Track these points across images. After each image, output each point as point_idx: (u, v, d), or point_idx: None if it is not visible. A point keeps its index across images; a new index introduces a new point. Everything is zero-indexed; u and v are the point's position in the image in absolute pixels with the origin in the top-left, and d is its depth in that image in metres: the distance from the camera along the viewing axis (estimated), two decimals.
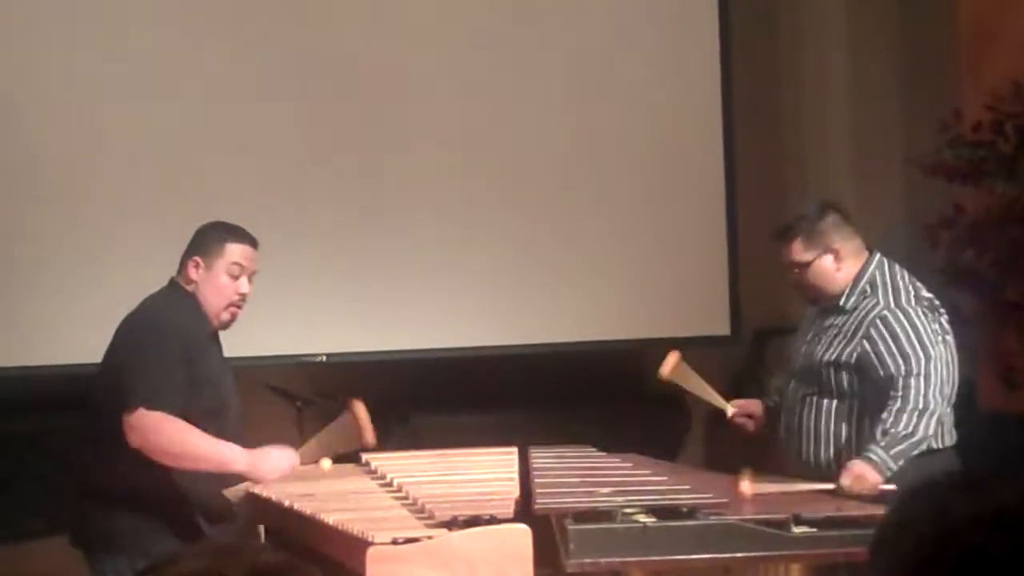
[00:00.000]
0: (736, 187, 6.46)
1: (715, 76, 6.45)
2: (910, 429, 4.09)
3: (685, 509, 3.75)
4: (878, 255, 4.38)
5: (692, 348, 6.59)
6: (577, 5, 6.43)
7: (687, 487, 4.00)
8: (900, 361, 4.16)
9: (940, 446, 4.25)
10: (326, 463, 4.50)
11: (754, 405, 4.68)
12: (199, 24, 6.12)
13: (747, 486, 4.06)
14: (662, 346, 6.52)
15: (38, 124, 5.97)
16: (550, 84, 6.37)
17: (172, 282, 4.22)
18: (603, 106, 6.40)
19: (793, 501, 3.94)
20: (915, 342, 4.17)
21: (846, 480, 4.05)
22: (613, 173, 6.42)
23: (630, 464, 4.46)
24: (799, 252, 4.35)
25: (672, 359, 4.68)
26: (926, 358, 4.15)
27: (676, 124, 6.46)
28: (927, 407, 4.11)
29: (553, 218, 6.36)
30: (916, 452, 4.10)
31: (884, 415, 4.12)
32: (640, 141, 6.43)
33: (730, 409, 4.66)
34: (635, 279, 6.37)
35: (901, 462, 4.08)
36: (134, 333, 4.10)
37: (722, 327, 6.43)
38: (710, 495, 3.87)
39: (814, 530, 3.67)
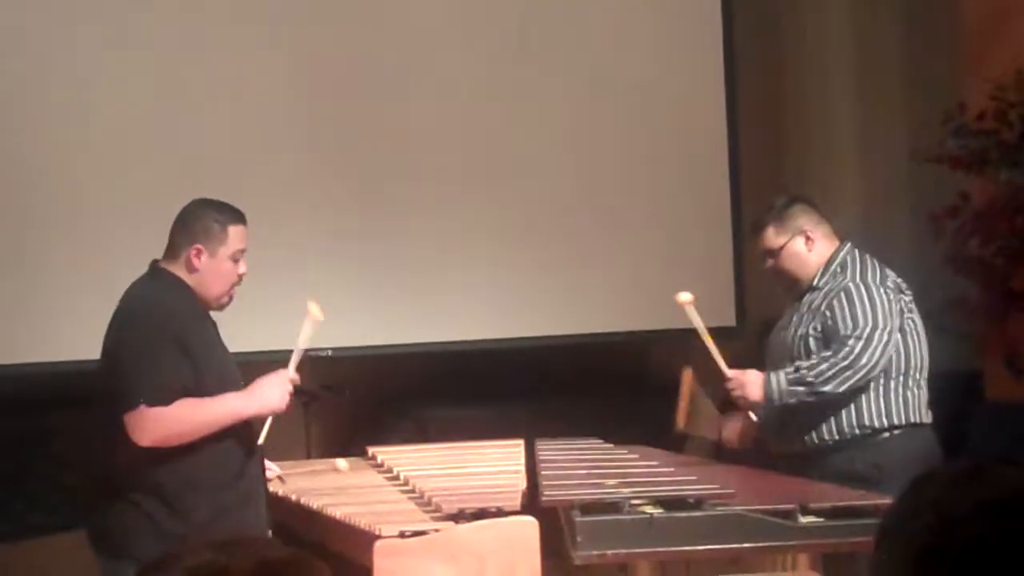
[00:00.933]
0: (740, 178, 6.45)
1: (720, 67, 6.45)
2: (821, 379, 4.27)
3: (692, 500, 3.76)
4: (849, 243, 4.55)
5: (698, 340, 6.63)
6: (580, 2, 6.42)
7: (693, 478, 4.01)
8: (850, 323, 4.32)
9: (919, 421, 4.40)
10: (342, 463, 4.48)
11: (741, 425, 4.66)
12: (201, 23, 6.11)
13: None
14: (668, 338, 6.55)
15: (39, 123, 5.96)
16: (554, 80, 6.36)
17: (155, 268, 4.08)
18: (608, 101, 6.39)
19: (798, 491, 3.95)
20: (868, 310, 4.33)
21: (733, 376, 4.41)
22: (618, 167, 6.42)
23: (636, 455, 4.47)
24: (771, 238, 4.55)
25: (688, 375, 4.74)
26: (872, 326, 4.30)
27: (681, 117, 6.45)
28: (853, 366, 4.26)
29: (558, 211, 6.36)
30: (810, 399, 4.28)
31: (815, 361, 4.30)
32: (645, 134, 6.42)
33: (723, 436, 4.72)
34: (640, 271, 6.37)
35: (792, 401, 4.29)
36: (125, 328, 3.99)
37: (727, 319, 6.43)
38: (716, 486, 3.88)
39: (821, 520, 3.68)
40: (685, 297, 4.58)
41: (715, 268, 6.41)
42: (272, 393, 4.00)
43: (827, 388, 4.27)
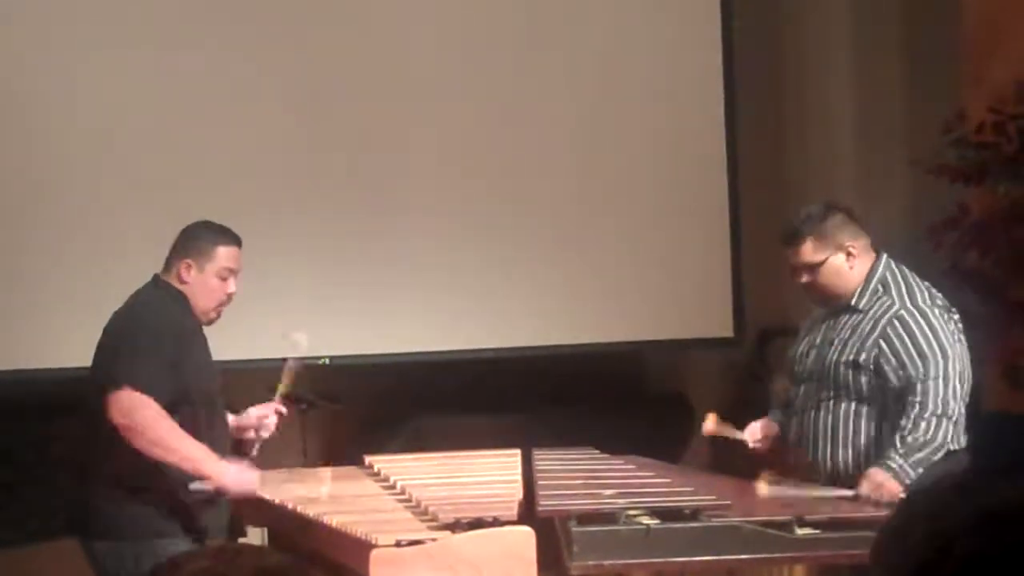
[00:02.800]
0: (739, 189, 6.45)
1: (718, 77, 6.44)
2: (929, 435, 4.02)
3: (688, 511, 3.75)
4: (885, 255, 4.32)
5: (695, 350, 6.64)
6: (580, 3, 6.42)
7: (690, 489, 4.01)
8: (919, 362, 4.08)
9: (956, 447, 4.14)
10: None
11: (769, 425, 4.53)
12: (204, 27, 6.11)
13: (764, 489, 4.02)
14: (665, 348, 6.56)
15: (40, 128, 5.96)
16: (552, 85, 6.36)
17: (157, 279, 4.29)
18: (606, 107, 6.39)
19: (799, 502, 3.94)
20: (933, 343, 4.10)
21: (865, 488, 3.98)
22: (616, 175, 6.42)
23: (633, 466, 4.47)
24: (809, 253, 4.25)
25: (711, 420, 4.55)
26: (944, 359, 4.08)
27: (679, 125, 6.44)
28: (946, 411, 4.04)
29: (556, 220, 6.36)
30: (935, 458, 4.02)
31: (903, 421, 4.05)
32: (643, 142, 6.42)
33: (750, 440, 4.50)
34: (638, 281, 6.36)
35: (920, 470, 4.00)
36: (124, 325, 4.20)
37: (725, 329, 6.42)
38: (713, 497, 3.87)
39: (817, 532, 3.68)
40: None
41: (713, 278, 6.40)
42: (233, 477, 4.11)
43: (938, 440, 4.03)
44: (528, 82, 6.35)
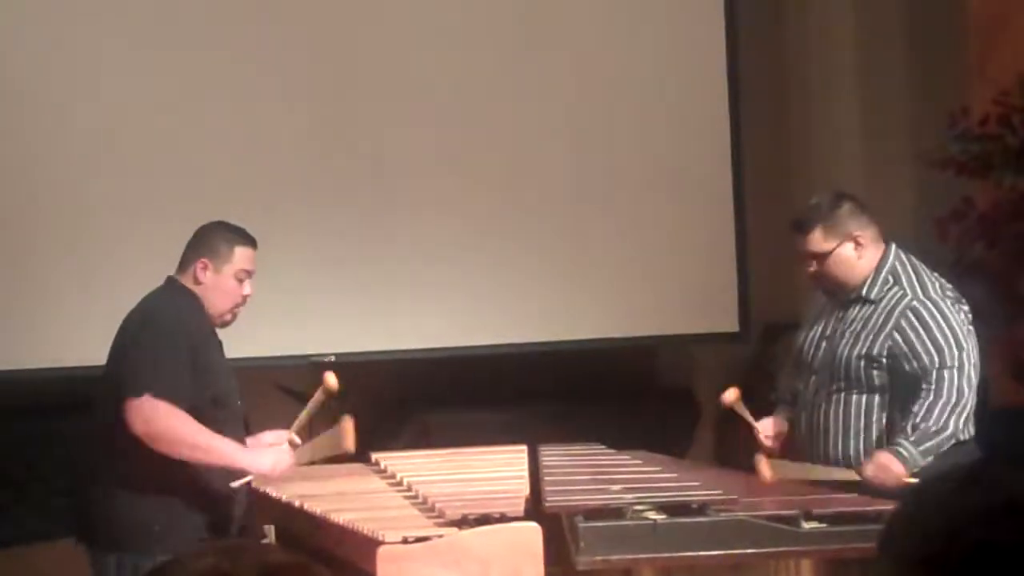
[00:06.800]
0: (744, 182, 6.44)
1: (722, 71, 6.42)
2: (941, 423, 4.02)
3: (695, 506, 3.75)
4: (894, 245, 4.29)
5: (701, 344, 6.63)
6: (583, 3, 6.41)
7: (697, 483, 4.01)
8: (933, 352, 4.08)
9: (965, 438, 4.14)
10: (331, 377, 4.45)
11: (776, 421, 4.47)
12: (204, 24, 6.12)
13: (765, 467, 4.04)
14: (671, 343, 6.56)
15: (42, 126, 5.97)
16: (557, 82, 6.35)
17: (171, 280, 4.24)
18: (610, 103, 6.38)
19: (804, 495, 3.94)
20: (948, 333, 4.10)
21: (870, 471, 3.99)
22: (621, 170, 6.41)
23: (640, 461, 4.47)
24: (818, 242, 4.22)
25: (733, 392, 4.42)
26: (959, 349, 4.08)
27: (683, 120, 6.44)
28: (959, 400, 4.04)
29: (561, 215, 6.35)
30: (946, 447, 4.02)
31: (915, 408, 4.04)
32: (647, 138, 6.41)
33: (762, 434, 4.40)
34: (644, 276, 6.36)
35: (930, 458, 4.00)
36: (140, 329, 4.13)
37: (731, 323, 6.41)
38: (720, 491, 3.87)
39: (824, 526, 3.67)
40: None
41: (718, 273, 6.39)
42: (266, 458, 4.12)
43: (949, 430, 4.02)
44: (531, 80, 6.35)
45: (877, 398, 4.19)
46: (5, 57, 5.96)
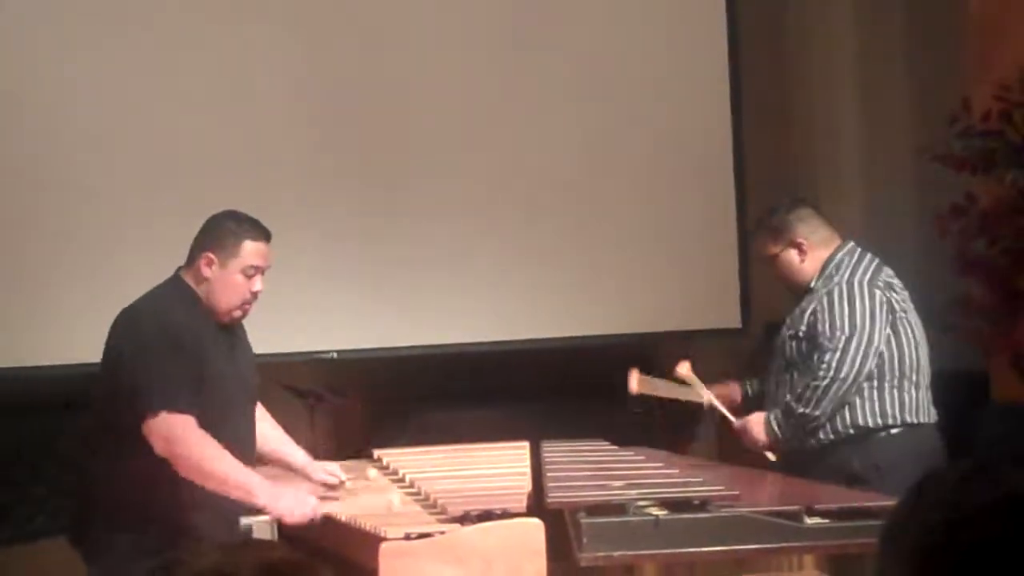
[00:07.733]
0: (745, 178, 6.44)
1: (724, 68, 6.43)
2: (810, 405, 4.36)
3: (697, 502, 3.76)
4: (851, 243, 4.60)
5: (703, 341, 6.63)
6: (584, 3, 6.41)
7: (699, 479, 4.01)
8: (827, 332, 4.39)
9: (917, 421, 4.45)
10: (372, 472, 4.44)
11: (731, 388, 4.90)
12: (206, 24, 6.11)
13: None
14: (673, 339, 6.55)
15: (43, 125, 5.97)
16: (558, 81, 6.35)
17: (177, 276, 4.04)
18: (612, 102, 6.38)
19: (807, 491, 3.95)
20: (845, 315, 4.38)
21: (739, 423, 4.53)
22: (622, 167, 6.41)
23: (642, 457, 4.48)
24: (765, 247, 4.65)
25: (634, 376, 4.82)
26: (848, 334, 4.35)
27: (685, 115, 6.43)
28: (834, 380, 4.33)
29: (562, 213, 6.35)
30: (811, 424, 4.39)
31: (800, 389, 4.40)
32: (649, 134, 6.41)
33: (706, 396, 4.78)
34: (645, 273, 6.36)
35: (794, 432, 4.41)
36: (139, 332, 3.93)
37: (733, 320, 6.42)
38: (722, 487, 3.88)
39: (827, 521, 3.68)
40: (683, 370, 4.77)
41: (720, 269, 6.40)
42: (288, 504, 3.83)
43: (817, 411, 4.37)
44: (531, 79, 6.35)
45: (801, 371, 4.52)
46: (5, 57, 5.96)
